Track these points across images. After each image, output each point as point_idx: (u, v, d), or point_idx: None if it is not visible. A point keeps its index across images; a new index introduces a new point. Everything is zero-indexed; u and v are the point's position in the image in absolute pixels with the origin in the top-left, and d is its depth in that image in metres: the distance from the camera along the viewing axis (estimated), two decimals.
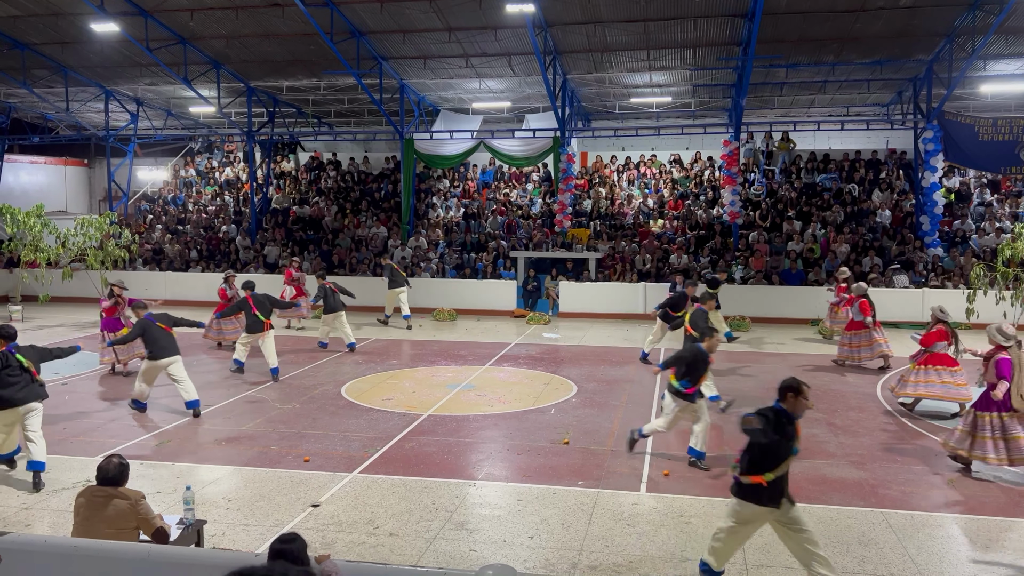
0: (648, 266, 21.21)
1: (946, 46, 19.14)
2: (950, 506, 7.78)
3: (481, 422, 10.68)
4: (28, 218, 20.39)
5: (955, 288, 18.38)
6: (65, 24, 20.36)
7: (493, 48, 20.43)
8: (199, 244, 25.01)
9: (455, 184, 26.79)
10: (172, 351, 10.94)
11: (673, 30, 18.98)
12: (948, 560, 6.53)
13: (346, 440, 9.78)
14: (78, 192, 31.71)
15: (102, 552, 4.92)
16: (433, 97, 25.11)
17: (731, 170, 21.53)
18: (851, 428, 10.35)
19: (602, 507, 7.61)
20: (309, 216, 25.79)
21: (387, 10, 18.67)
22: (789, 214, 22.57)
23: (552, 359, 15.20)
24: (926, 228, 20.88)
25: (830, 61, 20.44)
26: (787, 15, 17.90)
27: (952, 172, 23.21)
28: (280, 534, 4.34)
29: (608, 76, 22.34)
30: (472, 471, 8.71)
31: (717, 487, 8.17)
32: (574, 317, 20.29)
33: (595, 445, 9.61)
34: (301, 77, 23.62)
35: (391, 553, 6.63)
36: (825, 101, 24.32)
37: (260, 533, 6.98)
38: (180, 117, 28.21)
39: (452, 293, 21.14)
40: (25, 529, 7.05)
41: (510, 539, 6.91)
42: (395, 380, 13.25)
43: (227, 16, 19.41)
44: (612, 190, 25.16)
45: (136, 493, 5.56)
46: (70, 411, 11.17)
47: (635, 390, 12.55)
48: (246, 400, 11.86)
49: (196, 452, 9.40)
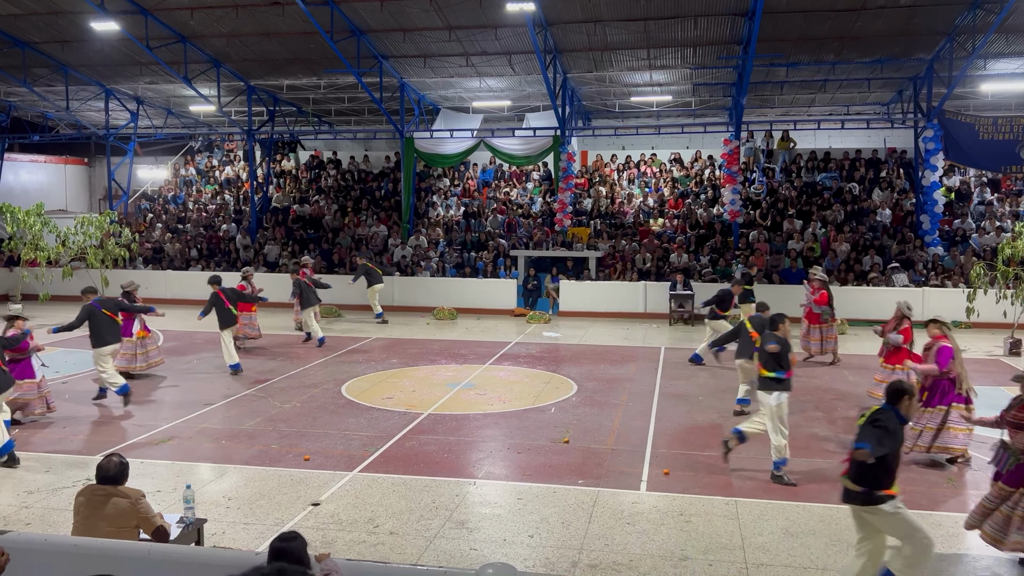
0: (648, 265, 21.21)
1: (946, 45, 19.13)
2: (950, 506, 7.78)
3: (481, 421, 10.69)
4: (28, 217, 20.42)
5: (955, 287, 18.38)
6: (65, 23, 20.35)
7: (493, 47, 20.43)
8: (199, 243, 25.00)
9: (455, 183, 26.80)
10: (114, 339, 11.54)
11: (673, 29, 18.97)
12: (947, 559, 6.54)
13: (346, 439, 9.78)
14: (78, 191, 31.70)
15: (102, 551, 4.91)
16: (433, 96, 25.10)
17: (731, 169, 21.54)
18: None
19: (602, 506, 7.62)
20: (309, 215, 25.79)
21: (387, 9, 18.67)
22: (789, 213, 22.57)
23: (552, 358, 15.20)
24: (926, 227, 20.88)
25: (830, 60, 20.43)
26: (787, 14, 17.89)
27: (952, 171, 23.21)
28: (280, 532, 4.34)
29: (608, 75, 22.34)
30: (472, 470, 8.71)
31: (717, 486, 8.18)
32: (574, 316, 20.29)
33: (595, 444, 9.61)
34: (301, 76, 23.61)
35: (391, 552, 6.63)
36: (825, 100, 24.31)
37: (260, 532, 6.98)
38: (180, 116, 28.21)
39: (452, 292, 21.14)
40: (25, 528, 7.05)
41: (510, 538, 6.92)
42: (395, 379, 13.25)
43: (227, 15, 19.41)
44: (612, 189, 25.16)
45: (136, 492, 5.56)
46: (70, 410, 11.17)
47: (635, 389, 12.54)
48: (246, 399, 11.86)
49: (196, 450, 9.40)
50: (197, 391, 12.36)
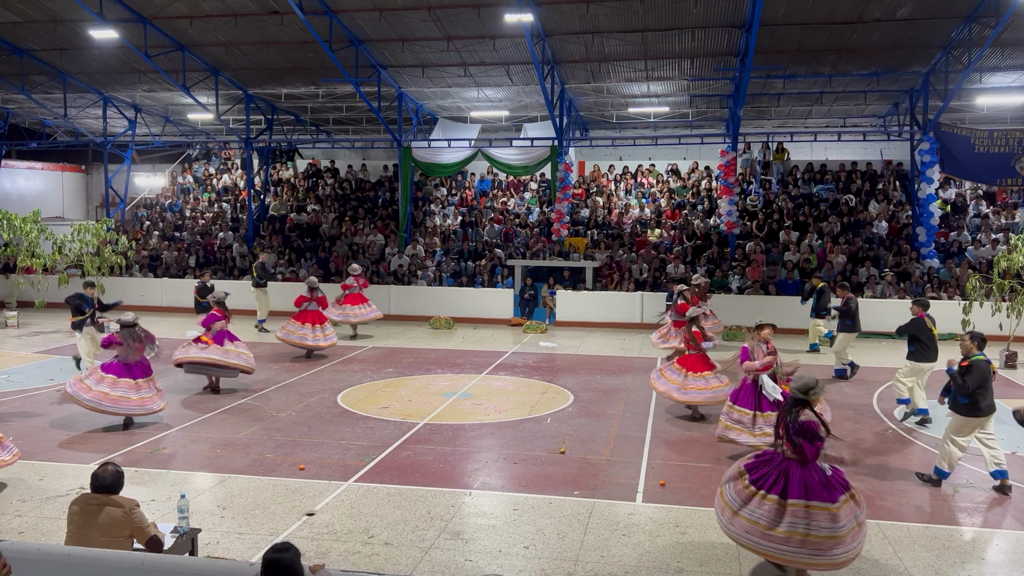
0: (645, 275, 21.23)
1: (942, 58, 19.23)
2: (946, 518, 7.77)
3: (477, 431, 10.67)
4: (25, 224, 20.39)
5: (951, 299, 18.42)
6: (64, 30, 20.39)
7: (491, 57, 20.49)
8: (196, 251, 24.98)
9: (453, 192, 26.83)
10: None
11: (671, 41, 19.05)
12: (944, 573, 6.52)
13: (342, 448, 9.76)
14: (75, 198, 31.69)
15: (96, 560, 4.90)
16: (431, 105, 25.16)
17: (728, 180, 21.60)
18: (847, 439, 10.34)
19: (598, 517, 7.60)
20: (306, 223, 25.79)
21: (386, 18, 18.72)
22: (786, 224, 22.62)
23: (549, 368, 15.19)
24: (922, 239, 20.94)
25: (827, 72, 20.52)
26: (784, 26, 17.98)
27: (948, 184, 23.27)
28: (273, 544, 4.33)
29: (606, 86, 22.41)
30: (468, 480, 8.69)
31: (713, 498, 8.14)
32: (571, 326, 20.30)
33: (591, 455, 9.59)
34: (299, 85, 23.66)
35: (386, 563, 6.60)
36: (822, 112, 24.41)
37: (255, 542, 6.95)
38: (178, 124, 28.24)
39: (449, 301, 21.15)
40: (18, 536, 7.02)
41: (505, 549, 6.89)
42: (391, 388, 13.23)
43: (226, 23, 19.45)
44: (609, 199, 25.20)
45: (130, 501, 5.54)
46: (64, 418, 11.13)
47: (632, 399, 12.53)
48: (241, 407, 11.83)
49: (190, 460, 9.37)
50: (192, 400, 12.33)
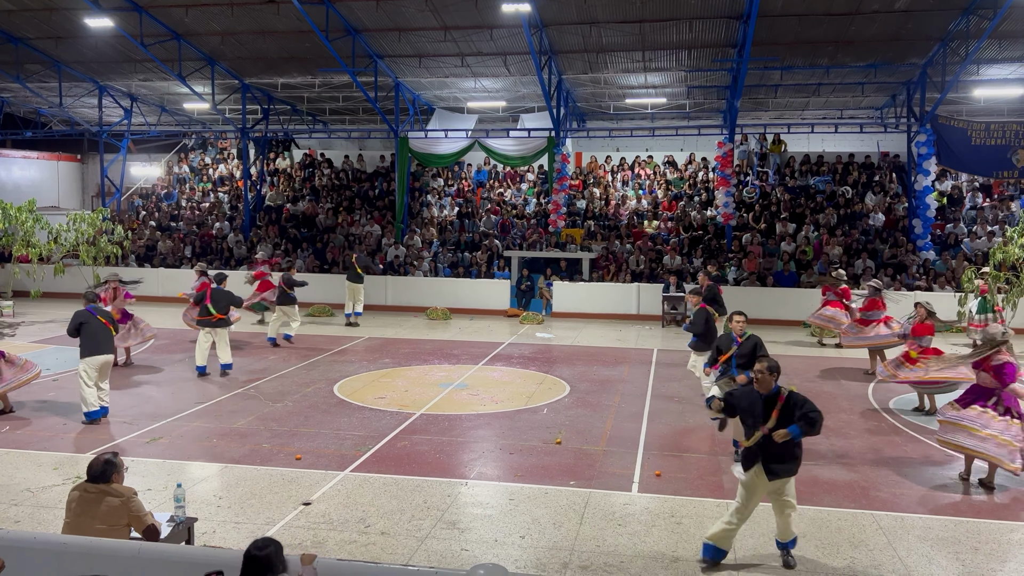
0: (642, 267, 21.24)
1: (940, 50, 19.21)
2: (940, 508, 7.81)
3: (474, 421, 10.69)
4: (20, 213, 20.31)
5: (942, 290, 18.48)
6: (59, 19, 20.28)
7: (489, 47, 20.42)
8: (192, 241, 24.93)
9: (449, 183, 26.79)
10: (107, 348, 10.45)
11: (668, 31, 19.01)
12: (937, 562, 6.56)
13: (338, 438, 9.77)
14: (71, 188, 31.58)
15: (92, 549, 4.91)
16: (428, 96, 25.09)
17: (725, 172, 21.59)
18: (842, 430, 10.38)
19: (594, 507, 7.63)
20: (303, 214, 25.74)
21: (383, 8, 18.65)
22: (783, 216, 22.63)
23: (545, 359, 15.21)
24: (918, 231, 20.98)
25: (824, 64, 20.50)
26: (782, 17, 17.94)
27: (945, 176, 23.31)
28: (254, 540, 4.33)
29: (603, 77, 22.36)
30: (464, 470, 8.71)
31: (708, 488, 8.20)
32: (567, 317, 20.31)
33: (587, 445, 9.62)
34: (296, 74, 23.56)
35: (382, 552, 6.63)
36: (819, 104, 24.39)
37: (251, 531, 6.97)
38: (174, 113, 28.12)
39: (446, 292, 21.14)
40: (15, 525, 7.03)
41: (501, 538, 6.92)
42: (388, 379, 13.24)
43: (222, 12, 19.35)
44: (606, 190, 25.18)
45: (128, 490, 5.55)
46: (62, 408, 11.13)
47: (628, 390, 12.56)
48: (238, 397, 11.83)
49: (187, 449, 9.37)
50: (188, 389, 12.33)
